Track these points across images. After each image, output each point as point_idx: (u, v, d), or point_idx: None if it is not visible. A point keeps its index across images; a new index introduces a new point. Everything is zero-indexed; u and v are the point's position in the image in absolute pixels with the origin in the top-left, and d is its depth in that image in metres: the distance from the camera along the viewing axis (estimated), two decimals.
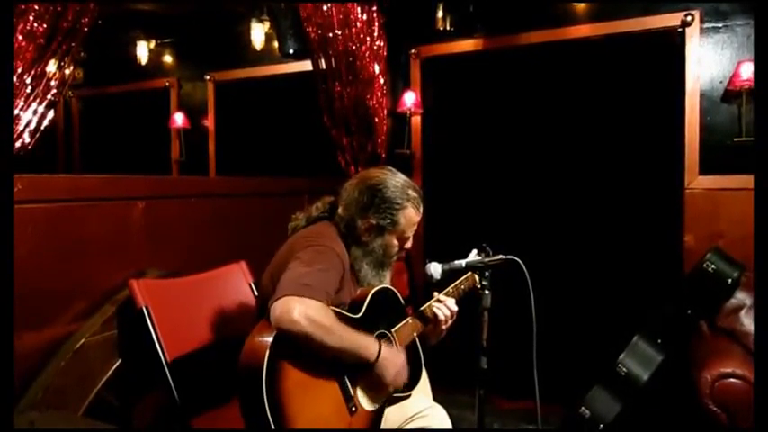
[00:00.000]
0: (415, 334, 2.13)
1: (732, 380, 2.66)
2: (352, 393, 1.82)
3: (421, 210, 2.05)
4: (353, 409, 1.80)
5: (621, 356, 3.28)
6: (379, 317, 1.99)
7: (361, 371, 1.82)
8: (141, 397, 2.43)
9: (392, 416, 1.95)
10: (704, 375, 2.70)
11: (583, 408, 3.26)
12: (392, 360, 1.82)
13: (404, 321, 2.09)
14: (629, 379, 3.22)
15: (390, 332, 2.01)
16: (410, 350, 2.10)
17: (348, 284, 1.97)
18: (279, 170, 5.10)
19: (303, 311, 1.59)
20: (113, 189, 2.54)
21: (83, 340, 2.27)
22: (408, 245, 2.08)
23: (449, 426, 2.04)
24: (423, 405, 2.03)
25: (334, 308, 1.78)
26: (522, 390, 2.78)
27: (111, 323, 2.37)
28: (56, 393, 2.17)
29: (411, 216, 2.01)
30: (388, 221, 1.97)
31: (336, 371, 1.78)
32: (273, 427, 1.56)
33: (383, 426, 1.91)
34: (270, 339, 1.62)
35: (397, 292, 2.12)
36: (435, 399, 2.28)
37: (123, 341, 2.39)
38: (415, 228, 2.06)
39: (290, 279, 1.70)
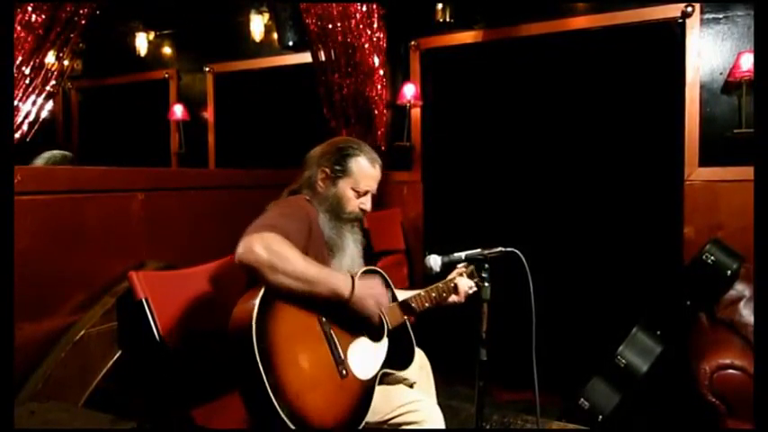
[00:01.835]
0: (405, 317, 2.15)
1: (731, 371, 2.67)
2: (342, 357, 1.82)
3: (377, 167, 2.09)
4: (344, 372, 1.80)
5: (621, 348, 3.29)
6: None
7: (346, 326, 1.86)
8: (141, 388, 2.43)
9: (377, 405, 1.90)
10: (703, 366, 2.71)
11: (582, 399, 3.27)
12: (368, 288, 1.85)
13: (394, 303, 2.13)
14: (628, 370, 3.23)
15: (381, 311, 2.01)
16: (401, 331, 2.12)
17: (317, 246, 1.97)
18: (278, 162, 5.09)
19: (261, 243, 1.65)
20: (113, 181, 2.54)
21: (83, 332, 2.28)
22: (366, 205, 2.09)
23: (439, 420, 2.01)
24: (409, 397, 2.00)
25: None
26: (522, 381, 2.78)
27: (110, 315, 2.38)
28: (56, 384, 2.17)
29: (363, 165, 2.05)
30: (341, 168, 2.03)
31: (324, 328, 1.80)
32: (267, 382, 1.56)
33: (369, 415, 1.87)
34: (256, 301, 1.64)
35: (386, 276, 2.15)
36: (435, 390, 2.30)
37: (123, 333, 2.39)
38: (371, 183, 2.08)
39: (251, 225, 1.76)
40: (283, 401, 1.58)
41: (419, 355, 2.32)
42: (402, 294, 2.23)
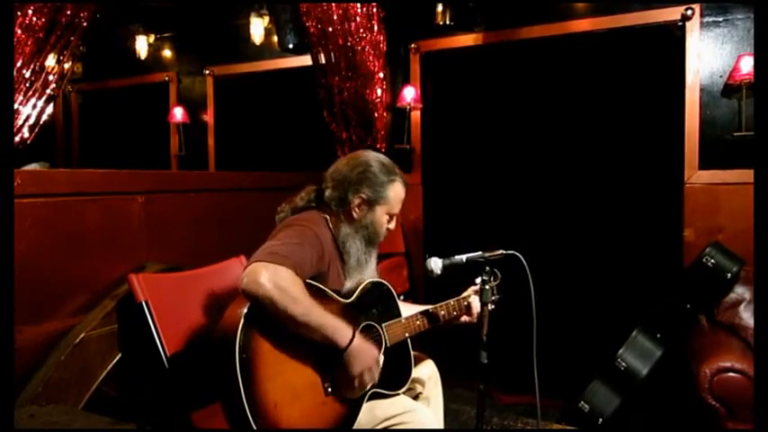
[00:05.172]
0: (407, 335, 2.08)
1: (731, 374, 2.66)
2: (331, 372, 1.79)
3: (406, 187, 2.10)
4: (330, 389, 1.77)
5: (621, 351, 3.28)
6: (369, 308, 1.98)
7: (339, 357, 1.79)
8: (141, 391, 2.43)
9: (360, 422, 1.85)
10: (703, 369, 2.70)
11: (582, 402, 3.27)
12: (363, 353, 1.76)
13: (396, 320, 2.06)
14: (628, 373, 3.23)
15: (380, 326, 1.98)
16: (399, 350, 2.05)
17: (334, 271, 1.96)
18: (278, 165, 5.10)
19: (270, 277, 1.60)
20: (113, 183, 2.54)
21: (83, 334, 2.28)
22: (393, 225, 2.10)
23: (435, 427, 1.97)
24: (399, 408, 1.93)
25: (319, 285, 1.80)
26: (522, 384, 2.78)
27: (110, 317, 2.38)
28: (56, 387, 2.17)
29: (399, 190, 2.06)
30: (380, 195, 2.01)
31: (319, 348, 1.74)
32: (243, 394, 1.55)
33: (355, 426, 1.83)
34: (245, 309, 1.62)
35: (392, 289, 2.11)
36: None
37: (123, 335, 2.39)
38: (400, 205, 2.09)
39: (260, 249, 1.73)
40: (258, 412, 1.57)
41: (429, 365, 2.29)
42: (407, 310, 2.16)
